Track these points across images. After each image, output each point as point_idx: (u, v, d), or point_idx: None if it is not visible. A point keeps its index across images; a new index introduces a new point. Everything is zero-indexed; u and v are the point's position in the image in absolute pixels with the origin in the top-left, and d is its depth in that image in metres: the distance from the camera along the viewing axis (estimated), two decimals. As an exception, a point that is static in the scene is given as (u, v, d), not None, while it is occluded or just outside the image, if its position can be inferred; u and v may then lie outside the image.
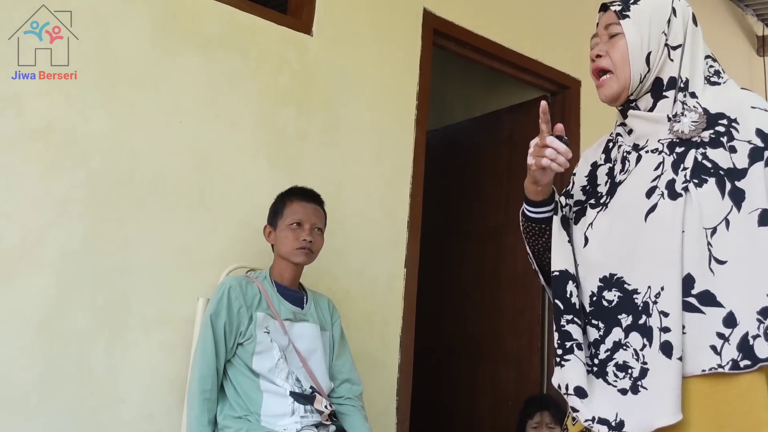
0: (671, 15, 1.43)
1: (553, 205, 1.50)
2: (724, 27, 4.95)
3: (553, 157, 1.39)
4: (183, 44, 2.34)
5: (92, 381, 2.04)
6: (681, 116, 1.39)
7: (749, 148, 1.32)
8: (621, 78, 1.44)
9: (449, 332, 3.89)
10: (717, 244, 1.29)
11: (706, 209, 1.30)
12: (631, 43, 1.42)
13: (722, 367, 1.24)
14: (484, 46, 3.28)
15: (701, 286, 1.28)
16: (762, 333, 1.22)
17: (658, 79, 1.43)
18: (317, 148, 2.63)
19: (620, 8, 1.45)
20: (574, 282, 1.43)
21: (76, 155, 2.10)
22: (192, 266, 2.26)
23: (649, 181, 1.38)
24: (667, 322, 1.28)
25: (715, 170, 1.33)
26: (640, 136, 1.45)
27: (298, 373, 2.02)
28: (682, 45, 1.43)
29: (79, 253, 2.07)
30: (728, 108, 1.37)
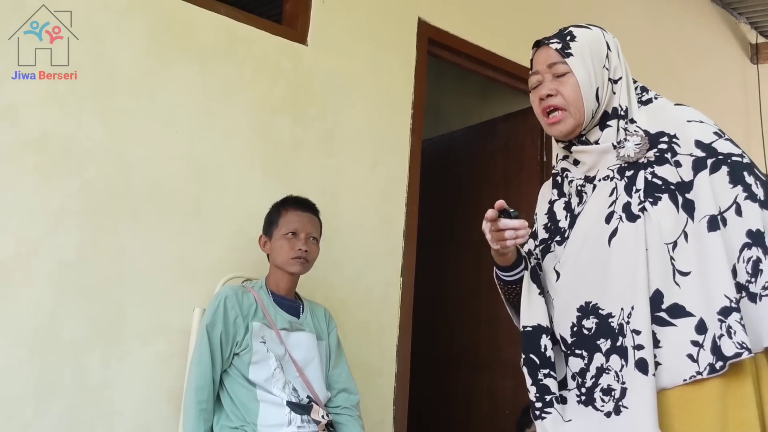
0: (608, 50, 1.50)
1: (523, 264, 1.56)
2: (718, 35, 4.98)
3: (514, 236, 1.43)
4: (178, 54, 2.35)
5: (88, 392, 2.04)
6: (625, 142, 1.44)
7: (692, 160, 1.37)
8: (576, 115, 1.47)
9: (446, 341, 3.89)
10: (679, 257, 1.33)
11: (664, 225, 1.35)
12: (582, 81, 1.46)
13: (701, 373, 1.27)
14: (479, 54, 3.30)
15: (670, 299, 1.33)
16: (725, 332, 1.25)
17: (606, 113, 1.49)
18: (313, 158, 2.64)
19: (560, 46, 1.49)
20: (548, 335, 1.48)
21: (72, 165, 2.10)
22: (188, 276, 2.26)
23: (606, 207, 1.44)
24: (639, 340, 1.32)
25: (666, 186, 1.38)
26: (590, 168, 1.51)
27: (295, 383, 2.02)
28: (622, 77, 1.49)
29: (74, 264, 2.07)
30: (666, 126, 1.43)
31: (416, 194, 2.95)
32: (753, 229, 1.30)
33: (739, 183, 1.34)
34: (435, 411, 3.83)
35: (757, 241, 1.29)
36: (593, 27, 1.53)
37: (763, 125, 5.00)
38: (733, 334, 1.23)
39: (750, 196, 1.32)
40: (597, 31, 1.52)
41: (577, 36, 1.50)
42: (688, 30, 4.70)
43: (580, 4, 3.89)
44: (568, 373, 1.46)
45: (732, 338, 1.23)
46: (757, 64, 5.15)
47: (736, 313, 1.24)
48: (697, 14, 4.82)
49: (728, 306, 1.25)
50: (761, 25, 5.18)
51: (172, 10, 2.35)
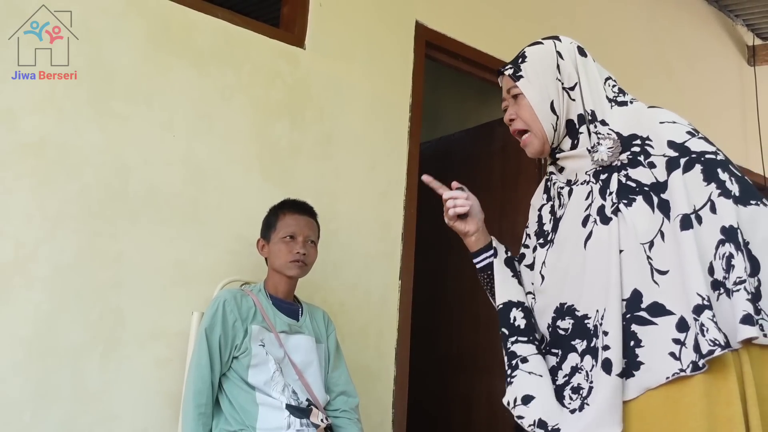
0: (558, 60, 1.52)
1: (491, 251, 1.62)
2: (715, 37, 4.99)
3: (451, 204, 1.59)
4: (176, 58, 2.36)
5: (86, 397, 2.04)
6: (598, 146, 1.47)
7: (665, 160, 1.40)
8: (537, 133, 1.53)
9: (445, 344, 3.89)
10: (656, 257, 1.36)
11: (640, 226, 1.38)
12: (533, 99, 1.51)
13: (684, 370, 1.28)
14: (477, 57, 3.31)
15: (649, 298, 1.34)
16: (699, 329, 1.26)
17: (570, 121, 1.51)
18: (311, 161, 2.64)
19: (512, 71, 1.55)
20: (519, 308, 1.53)
21: (69, 170, 2.10)
22: (186, 280, 2.26)
23: (583, 210, 1.47)
24: (607, 341, 1.34)
25: (640, 188, 1.41)
26: (570, 173, 1.55)
27: (294, 386, 2.02)
28: (577, 83, 1.51)
29: (72, 268, 2.06)
30: (639, 128, 1.46)
31: (414, 197, 2.95)
32: (726, 225, 1.31)
33: (713, 180, 1.36)
34: (434, 414, 3.83)
35: (730, 237, 1.30)
36: (546, 40, 1.57)
37: (761, 127, 5.01)
38: (706, 331, 1.25)
39: (723, 192, 1.34)
40: (548, 43, 1.55)
41: (527, 56, 1.55)
42: (685, 32, 4.71)
43: (576, 7, 3.90)
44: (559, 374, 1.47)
45: (705, 336, 1.25)
46: (754, 66, 5.17)
47: (708, 311, 1.26)
48: (694, 17, 4.83)
49: (700, 304, 1.27)
50: (758, 27, 5.19)
51: (170, 13, 2.36)
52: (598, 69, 1.56)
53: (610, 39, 4.06)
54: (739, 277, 1.27)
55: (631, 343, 1.34)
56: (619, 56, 4.11)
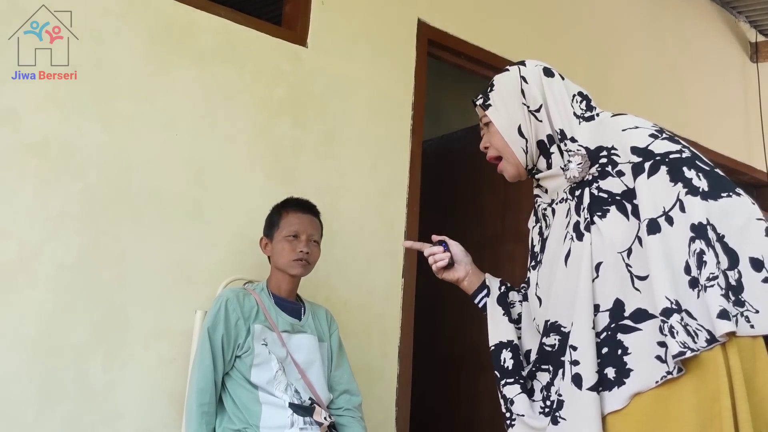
0: (521, 84, 1.56)
1: (485, 290, 1.69)
2: (717, 34, 4.98)
3: (432, 261, 1.69)
4: (178, 57, 2.36)
5: (90, 396, 2.04)
6: (568, 163, 1.49)
7: (630, 167, 1.41)
8: (509, 158, 1.58)
9: (448, 343, 3.89)
10: (635, 263, 1.37)
11: (616, 235, 1.39)
12: (500, 126, 1.56)
13: (671, 373, 1.29)
14: (479, 55, 3.30)
15: (632, 306, 1.36)
16: (668, 331, 1.27)
17: (540, 141, 1.54)
18: (313, 160, 2.64)
19: (482, 100, 1.63)
20: (508, 348, 1.58)
21: (72, 169, 2.10)
22: (189, 279, 2.27)
23: (564, 228, 1.50)
24: (576, 356, 1.36)
25: (612, 198, 1.42)
26: (552, 192, 1.58)
27: (297, 385, 2.02)
28: (542, 104, 1.53)
29: (75, 268, 2.07)
30: (604, 139, 1.47)
31: (417, 195, 2.95)
32: (696, 222, 1.32)
33: (679, 179, 1.36)
34: (437, 413, 3.83)
35: (700, 234, 1.31)
36: (513, 67, 1.61)
37: (763, 124, 5.00)
38: (676, 334, 1.26)
39: (691, 190, 1.35)
40: (513, 70, 1.60)
41: (495, 84, 1.61)
42: (687, 29, 4.70)
43: (579, 5, 3.89)
44: (537, 386, 1.52)
45: (675, 338, 1.26)
46: (757, 63, 5.15)
47: (676, 314, 1.27)
48: (697, 13, 4.82)
49: (668, 307, 1.28)
50: (761, 24, 5.18)
51: (172, 12, 2.36)
52: (565, 87, 1.58)
53: (612, 36, 4.06)
54: (711, 273, 1.27)
55: (619, 352, 1.34)
56: (622, 53, 4.11)
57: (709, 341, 1.26)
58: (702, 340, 1.26)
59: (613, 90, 3.92)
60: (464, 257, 1.72)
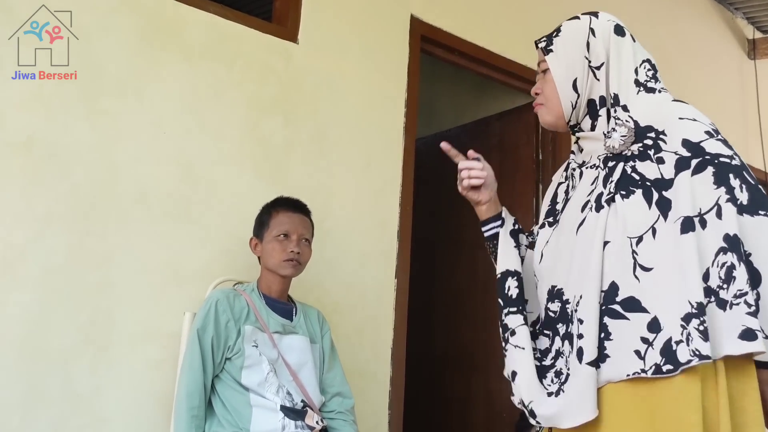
0: (589, 37, 1.51)
1: (500, 221, 1.64)
2: (715, 30, 5.00)
3: (466, 174, 1.61)
4: (166, 54, 2.35)
5: (76, 400, 2.04)
6: (612, 132, 1.46)
7: (676, 158, 1.38)
8: (552, 109, 1.54)
9: (442, 344, 3.90)
10: (643, 252, 1.35)
11: (630, 219, 1.37)
12: (556, 75, 1.52)
13: (645, 371, 1.29)
14: (473, 52, 3.31)
15: (625, 292, 1.34)
16: (684, 338, 1.26)
17: (591, 101, 1.51)
18: (304, 158, 2.64)
19: (545, 44, 1.57)
20: (514, 277, 1.55)
21: (58, 168, 2.10)
22: (178, 280, 2.26)
23: (585, 195, 1.48)
24: (582, 329, 1.35)
25: (642, 182, 1.39)
26: (586, 154, 1.55)
27: (289, 387, 2.02)
28: (604, 63, 1.50)
29: (62, 269, 2.06)
30: (657, 120, 1.44)
31: (410, 194, 2.95)
32: (731, 233, 1.30)
33: (723, 185, 1.34)
34: (431, 415, 3.84)
35: (733, 247, 1.29)
36: (584, 15, 1.56)
37: (761, 121, 5.02)
38: (690, 341, 1.25)
39: (731, 199, 1.33)
40: (584, 19, 1.55)
41: (562, 29, 1.56)
42: (684, 26, 4.72)
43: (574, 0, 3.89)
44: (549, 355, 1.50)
45: (689, 345, 1.25)
46: (755, 60, 5.17)
47: (695, 320, 1.25)
48: (694, 10, 4.84)
49: (690, 312, 1.26)
50: (758, 21, 5.20)
51: (160, 8, 2.35)
52: (634, 50, 1.52)
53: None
54: (740, 289, 1.26)
55: (602, 335, 1.35)
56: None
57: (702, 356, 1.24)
58: None
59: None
60: (493, 182, 1.67)
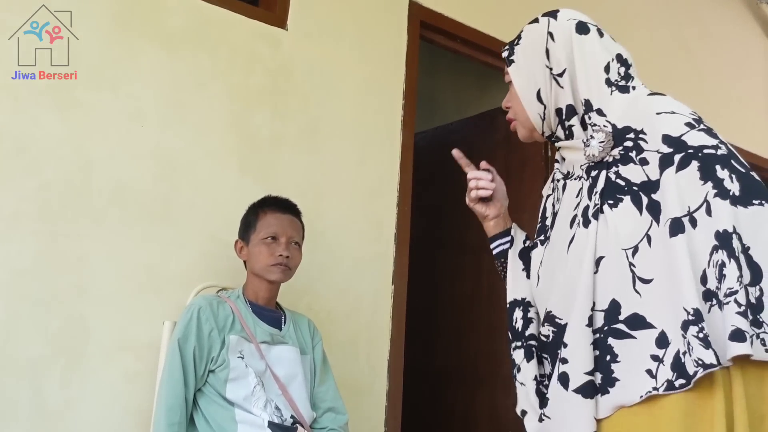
0: (548, 42, 1.52)
1: (508, 237, 1.66)
2: (738, 17, 5.02)
3: (474, 185, 1.64)
4: (144, 41, 2.35)
5: (47, 415, 2.03)
6: (590, 139, 1.47)
7: (658, 157, 1.38)
8: (524, 123, 1.57)
9: (442, 355, 3.90)
10: (640, 263, 1.35)
11: (622, 229, 1.37)
12: (519, 87, 1.55)
13: (657, 389, 1.28)
14: (477, 39, 3.31)
15: (629, 309, 1.34)
16: (686, 348, 1.25)
17: (559, 110, 1.52)
18: (294, 154, 2.64)
19: (507, 54, 1.59)
20: (521, 306, 1.58)
21: (27, 165, 2.10)
22: (157, 286, 2.26)
23: (572, 209, 1.49)
24: (565, 353, 1.36)
25: (629, 187, 1.40)
26: (568, 164, 1.56)
27: (278, 401, 2.02)
28: (566, 69, 1.50)
29: (30, 273, 2.06)
30: (634, 119, 1.44)
31: (408, 193, 2.96)
32: (721, 230, 1.29)
33: (710, 179, 1.33)
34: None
35: (724, 243, 1.28)
36: (543, 18, 1.56)
37: (787, 111, 5.03)
38: (691, 350, 1.24)
39: (720, 192, 1.31)
40: (543, 22, 1.55)
41: (522, 37, 1.57)
42: (705, 12, 4.73)
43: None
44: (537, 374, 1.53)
45: (692, 355, 1.24)
46: (781, 48, 5.19)
47: (693, 327, 1.24)
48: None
49: (687, 319, 1.25)
50: (784, 6, 5.22)
51: (137, -9, 2.36)
52: (602, 47, 1.51)
53: (623, 20, 4.07)
54: (729, 288, 1.25)
55: (607, 358, 1.34)
56: (634, 39, 4.12)
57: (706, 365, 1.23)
58: None
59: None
60: (503, 197, 1.69)
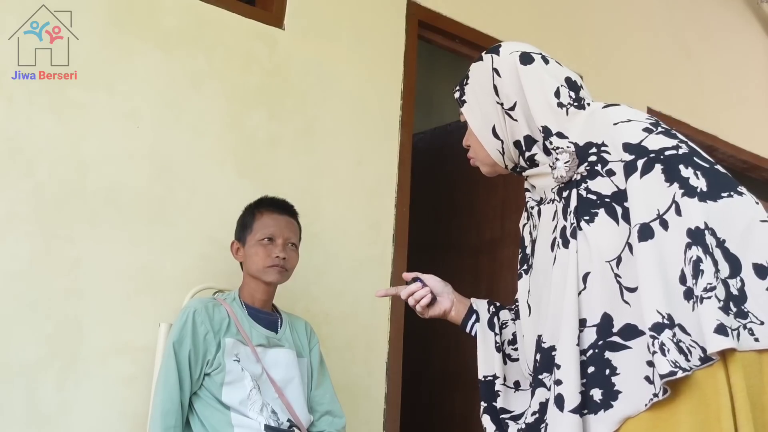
0: (494, 79, 1.53)
1: (473, 316, 1.70)
2: (737, 16, 5.03)
3: (413, 302, 1.68)
4: (140, 40, 2.35)
5: (41, 419, 2.03)
6: (556, 162, 1.48)
7: (622, 165, 1.39)
8: (483, 160, 1.60)
9: (442, 358, 3.89)
10: (625, 273, 1.35)
11: (603, 242, 1.38)
12: (474, 127, 1.57)
13: (657, 395, 1.28)
14: (475, 38, 3.31)
15: (621, 321, 1.34)
16: (658, 349, 1.25)
17: (517, 142, 1.53)
18: (291, 155, 2.64)
19: (458, 95, 1.61)
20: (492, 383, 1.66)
21: (21, 166, 2.09)
22: (152, 288, 2.26)
23: (550, 233, 1.50)
24: (559, 375, 1.35)
25: (601, 200, 1.41)
26: (539, 191, 1.57)
27: (274, 405, 2.02)
28: (517, 101, 1.51)
29: (25, 275, 2.06)
30: (593, 134, 1.45)
31: (407, 194, 2.96)
32: (692, 227, 1.30)
33: (675, 179, 1.34)
34: (430, 436, 3.83)
35: (697, 239, 1.29)
36: (486, 55, 1.57)
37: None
38: (666, 352, 1.24)
39: (687, 191, 1.32)
40: (487, 59, 1.56)
41: (470, 76, 1.59)
42: (705, 12, 4.74)
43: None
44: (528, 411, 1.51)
45: (666, 356, 1.24)
46: (781, 47, 5.20)
47: (668, 330, 1.25)
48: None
49: (659, 322, 1.26)
50: (785, 5, 5.22)
51: (133, -9, 2.36)
52: (548, 73, 1.53)
53: (622, 18, 4.07)
54: (709, 283, 1.25)
55: (607, 372, 1.34)
56: (633, 38, 4.13)
57: (704, 359, 1.24)
58: (696, 358, 1.25)
59: (624, 80, 3.93)
60: (444, 288, 1.72)
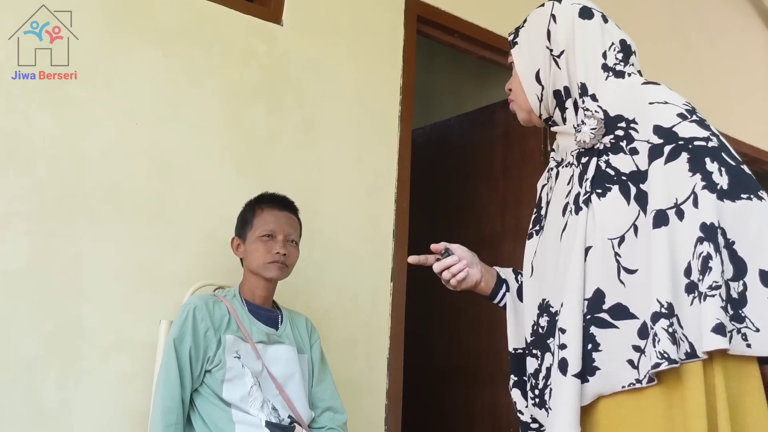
0: (550, 24, 1.53)
1: (503, 286, 1.68)
2: (737, 9, 5.02)
3: (449, 276, 1.65)
4: (137, 37, 2.35)
5: (42, 417, 2.03)
6: (582, 125, 1.47)
7: (648, 147, 1.38)
8: (521, 104, 1.60)
9: (442, 353, 3.90)
10: (626, 253, 1.36)
11: (609, 219, 1.38)
12: (519, 67, 1.57)
13: (640, 381, 1.29)
14: (475, 33, 3.31)
15: (612, 299, 1.35)
16: (651, 339, 1.27)
17: (557, 91, 1.53)
18: (290, 151, 2.64)
19: (512, 37, 1.62)
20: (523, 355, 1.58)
21: (19, 163, 2.09)
22: (152, 285, 2.26)
23: (564, 196, 1.50)
24: (564, 339, 1.36)
25: (618, 177, 1.41)
26: (562, 151, 1.58)
27: (275, 401, 2.02)
28: (565, 50, 1.51)
29: (25, 273, 2.06)
30: (627, 108, 1.44)
31: (406, 190, 2.96)
32: (707, 222, 1.29)
33: (699, 171, 1.33)
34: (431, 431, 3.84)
35: (710, 236, 1.28)
36: (549, 2, 1.58)
37: (789, 104, 5.03)
38: (657, 342, 1.25)
39: (708, 185, 1.32)
40: (548, 5, 1.57)
41: (527, 21, 1.60)
42: (705, 4, 4.73)
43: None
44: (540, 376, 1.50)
45: (656, 347, 1.25)
46: (782, 40, 5.19)
47: (664, 320, 1.25)
48: (715, -12, 4.86)
49: (658, 311, 1.26)
50: (786, -2, 5.22)
51: (130, -13, 2.36)
52: (603, 32, 1.52)
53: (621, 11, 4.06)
54: (715, 281, 1.25)
55: (589, 347, 1.35)
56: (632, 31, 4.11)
57: (689, 355, 1.25)
58: (682, 352, 1.26)
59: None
60: (472, 257, 1.69)
